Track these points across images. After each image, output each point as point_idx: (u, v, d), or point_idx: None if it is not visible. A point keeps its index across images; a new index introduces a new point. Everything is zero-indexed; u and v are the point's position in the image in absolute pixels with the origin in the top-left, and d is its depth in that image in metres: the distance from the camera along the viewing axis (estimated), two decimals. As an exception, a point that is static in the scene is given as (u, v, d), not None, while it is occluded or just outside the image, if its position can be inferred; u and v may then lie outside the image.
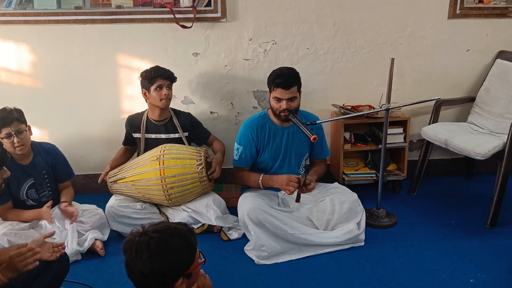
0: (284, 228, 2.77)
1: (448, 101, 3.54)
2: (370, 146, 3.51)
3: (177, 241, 1.57)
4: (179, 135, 3.20)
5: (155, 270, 1.53)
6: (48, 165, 2.91)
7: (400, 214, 3.21)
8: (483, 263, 2.68)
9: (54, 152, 2.97)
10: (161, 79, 3.08)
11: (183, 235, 1.59)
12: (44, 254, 2.07)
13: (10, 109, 2.72)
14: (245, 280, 2.60)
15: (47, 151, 2.93)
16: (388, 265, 2.69)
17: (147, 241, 1.54)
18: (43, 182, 2.89)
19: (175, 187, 2.94)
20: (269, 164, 3.06)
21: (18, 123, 2.70)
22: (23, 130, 2.72)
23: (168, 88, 3.11)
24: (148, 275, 1.54)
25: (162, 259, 1.53)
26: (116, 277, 2.60)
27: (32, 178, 2.85)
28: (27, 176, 2.84)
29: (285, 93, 2.84)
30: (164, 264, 1.53)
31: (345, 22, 3.43)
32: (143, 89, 3.12)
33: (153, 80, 3.07)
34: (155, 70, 3.10)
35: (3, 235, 2.63)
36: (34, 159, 2.86)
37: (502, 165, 3.00)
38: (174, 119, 3.21)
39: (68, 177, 3.04)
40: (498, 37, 3.56)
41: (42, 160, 2.89)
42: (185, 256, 1.58)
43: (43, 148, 2.93)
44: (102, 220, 2.95)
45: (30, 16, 3.22)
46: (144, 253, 1.53)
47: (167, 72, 3.12)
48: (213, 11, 3.30)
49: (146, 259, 1.53)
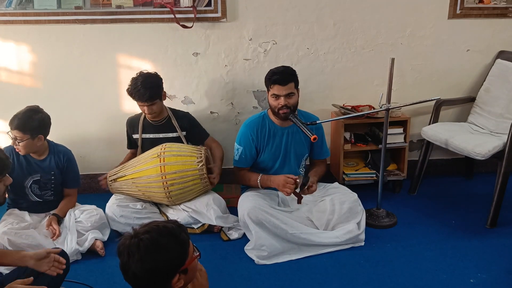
0: (284, 228, 2.77)
1: (448, 101, 3.54)
2: (370, 146, 3.51)
3: (166, 240, 1.57)
4: (178, 135, 3.20)
5: (147, 271, 1.54)
6: (58, 167, 2.93)
7: (400, 214, 3.21)
8: (483, 263, 2.68)
9: (68, 156, 2.99)
10: (139, 102, 3.06)
11: (172, 232, 1.60)
12: (43, 267, 2.07)
13: (22, 116, 2.74)
14: (245, 280, 2.60)
15: (61, 154, 2.96)
16: (388, 265, 2.69)
17: (137, 243, 1.55)
18: (47, 182, 2.91)
19: (175, 184, 2.95)
20: (269, 164, 3.06)
21: (18, 131, 2.74)
22: (21, 140, 2.75)
23: (150, 105, 3.04)
24: (142, 277, 1.55)
25: (152, 259, 1.54)
26: (116, 277, 2.60)
27: (39, 175, 2.88)
28: (35, 171, 2.88)
29: (282, 89, 2.85)
30: (156, 264, 1.54)
31: (345, 22, 3.43)
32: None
33: (133, 99, 3.07)
34: (131, 91, 3.02)
35: (3, 234, 2.64)
36: (47, 158, 2.91)
37: (502, 165, 3.00)
38: (172, 118, 3.21)
39: (74, 185, 3.03)
40: (498, 37, 3.56)
41: (53, 161, 2.92)
42: (177, 253, 1.58)
43: (58, 150, 2.96)
44: (102, 220, 2.95)
45: (30, 16, 3.23)
46: (135, 255, 1.54)
47: (142, 95, 2.99)
48: (213, 11, 3.30)
49: (138, 261, 1.53)
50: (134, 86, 3.01)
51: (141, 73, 3.07)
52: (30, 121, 2.74)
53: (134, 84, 3.02)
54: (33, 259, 2.07)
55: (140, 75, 3.06)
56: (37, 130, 2.78)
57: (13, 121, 2.74)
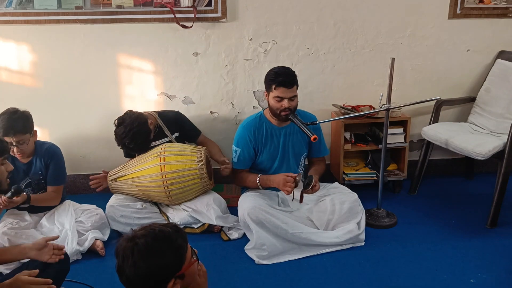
0: (284, 228, 2.77)
1: (449, 101, 3.54)
2: (370, 146, 3.51)
3: (160, 245, 1.55)
4: (169, 139, 3.18)
5: (140, 276, 1.53)
6: (43, 165, 2.88)
7: (400, 214, 3.21)
8: (484, 263, 2.68)
9: (52, 152, 2.90)
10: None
11: (168, 237, 1.57)
12: (44, 256, 2.08)
13: (16, 118, 2.70)
14: (245, 280, 2.60)
15: (46, 151, 2.88)
16: (388, 265, 2.69)
17: (131, 247, 1.54)
18: (39, 182, 2.89)
19: (175, 183, 2.95)
20: (268, 165, 3.05)
21: (21, 135, 2.70)
22: (24, 141, 2.72)
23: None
24: (135, 281, 1.54)
25: (146, 265, 1.52)
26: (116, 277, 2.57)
27: (29, 178, 2.86)
28: (24, 175, 2.84)
29: (287, 92, 2.83)
30: (149, 270, 1.53)
31: (346, 22, 3.43)
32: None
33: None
34: (117, 137, 3.00)
35: (3, 234, 2.64)
36: (33, 159, 2.85)
37: (503, 165, 3.00)
38: (162, 125, 3.17)
39: (54, 182, 2.89)
40: (498, 37, 3.56)
41: (39, 160, 2.87)
42: (171, 259, 1.56)
43: (43, 148, 2.89)
44: (103, 220, 2.95)
45: (31, 16, 3.23)
46: (129, 259, 1.53)
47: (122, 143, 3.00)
48: (213, 11, 3.30)
49: (131, 266, 1.53)
50: (119, 135, 2.98)
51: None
52: (21, 121, 2.70)
53: (121, 131, 2.97)
54: (33, 250, 2.08)
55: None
56: (31, 126, 2.77)
57: (9, 129, 2.65)
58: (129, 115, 3.02)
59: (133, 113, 3.04)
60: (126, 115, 3.02)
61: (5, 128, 2.66)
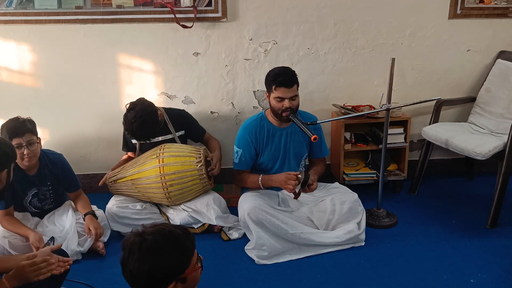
0: (284, 228, 2.77)
1: (449, 101, 3.54)
2: (370, 146, 3.51)
3: (168, 244, 1.56)
4: (172, 136, 3.19)
5: (143, 272, 1.53)
6: (54, 176, 2.86)
7: (401, 214, 3.21)
8: (484, 263, 2.68)
9: (61, 163, 2.90)
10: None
11: (177, 239, 1.58)
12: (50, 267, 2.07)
13: (23, 120, 2.70)
14: (245, 280, 2.60)
15: (54, 162, 2.87)
16: (388, 265, 2.69)
17: (140, 242, 1.55)
18: (46, 193, 2.87)
19: (174, 184, 2.95)
20: (269, 165, 3.05)
21: (30, 134, 2.68)
22: (34, 142, 2.70)
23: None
24: (137, 276, 1.54)
25: (151, 261, 1.53)
26: (117, 277, 2.56)
27: (36, 188, 2.83)
28: (32, 185, 2.82)
29: (288, 92, 2.83)
30: (153, 267, 1.53)
31: (346, 22, 3.43)
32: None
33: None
34: (127, 121, 2.98)
35: (4, 237, 2.64)
36: (40, 170, 2.81)
37: (503, 166, 3.00)
38: (167, 121, 3.18)
39: (76, 188, 2.96)
40: (498, 37, 3.56)
41: (48, 171, 2.84)
42: (177, 260, 1.56)
43: (49, 159, 2.86)
44: (103, 221, 2.94)
45: (31, 15, 3.23)
46: (136, 254, 1.54)
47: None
48: (213, 11, 3.30)
49: (136, 261, 1.53)
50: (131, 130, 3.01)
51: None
52: (27, 122, 2.70)
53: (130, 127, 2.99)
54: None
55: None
56: (36, 130, 2.76)
57: (19, 128, 2.64)
58: (142, 101, 3.03)
59: (146, 101, 3.06)
60: (139, 101, 3.03)
61: (15, 127, 2.65)
